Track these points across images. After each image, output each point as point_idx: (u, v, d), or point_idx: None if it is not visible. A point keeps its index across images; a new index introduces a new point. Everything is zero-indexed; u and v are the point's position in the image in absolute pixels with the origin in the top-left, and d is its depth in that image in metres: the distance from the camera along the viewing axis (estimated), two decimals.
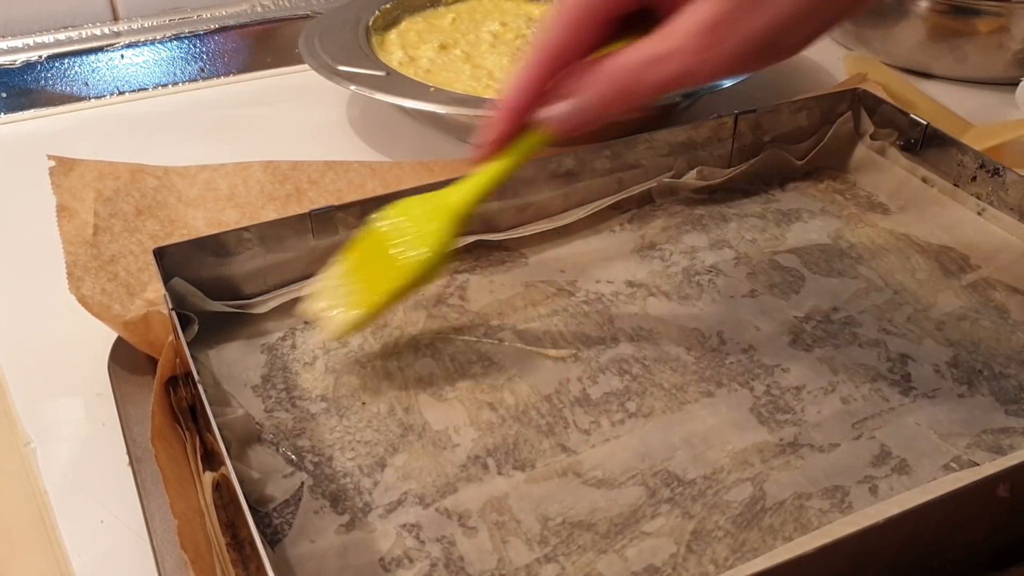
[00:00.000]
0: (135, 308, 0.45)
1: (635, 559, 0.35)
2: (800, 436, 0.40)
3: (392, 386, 0.43)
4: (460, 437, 0.40)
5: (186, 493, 0.38)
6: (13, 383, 0.46)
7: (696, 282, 0.49)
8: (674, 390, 0.43)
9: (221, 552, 0.36)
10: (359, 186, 0.57)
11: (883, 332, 0.46)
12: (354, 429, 0.41)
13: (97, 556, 0.38)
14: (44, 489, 0.41)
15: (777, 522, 0.37)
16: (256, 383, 0.43)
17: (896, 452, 0.40)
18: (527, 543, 0.36)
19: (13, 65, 0.73)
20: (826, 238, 0.52)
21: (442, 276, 0.47)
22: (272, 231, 0.46)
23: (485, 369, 0.44)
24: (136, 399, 0.43)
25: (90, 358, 0.46)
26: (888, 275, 0.50)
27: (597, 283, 0.49)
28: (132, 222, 0.52)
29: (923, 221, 0.53)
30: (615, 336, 0.46)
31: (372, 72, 0.62)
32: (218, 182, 0.56)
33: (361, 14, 0.70)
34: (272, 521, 0.37)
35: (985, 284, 0.49)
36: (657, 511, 0.37)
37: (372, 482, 0.38)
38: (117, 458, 0.42)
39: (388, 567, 0.35)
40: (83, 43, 0.75)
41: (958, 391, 0.43)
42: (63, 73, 0.74)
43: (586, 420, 0.41)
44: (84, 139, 0.66)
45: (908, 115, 0.55)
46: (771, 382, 0.43)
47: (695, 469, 0.39)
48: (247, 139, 0.65)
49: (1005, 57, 0.70)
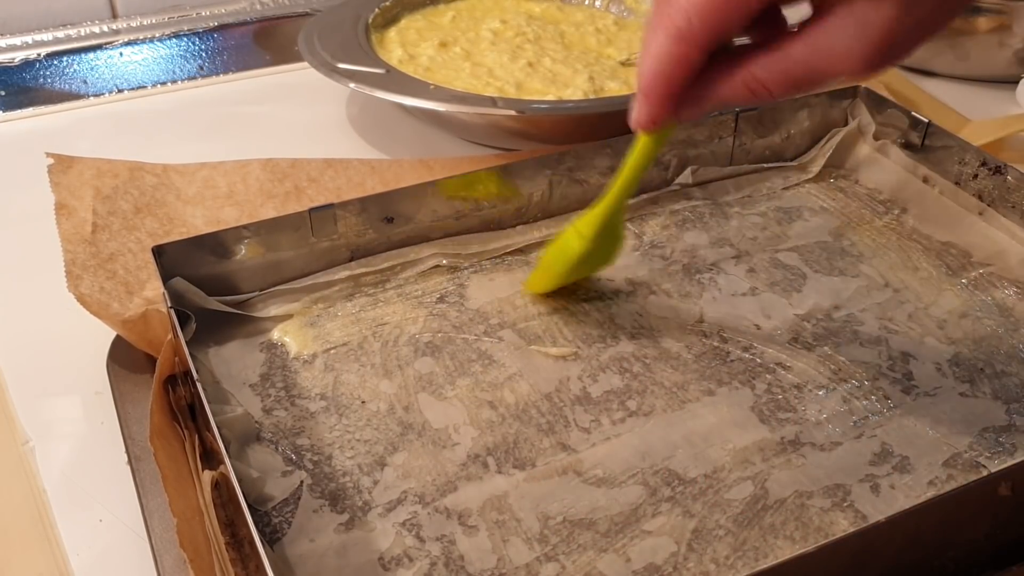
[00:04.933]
0: (134, 306, 0.45)
1: (636, 558, 0.35)
2: (801, 435, 0.40)
3: (392, 385, 0.43)
4: (460, 436, 0.40)
5: (185, 492, 0.38)
6: (12, 382, 0.46)
7: (697, 280, 0.49)
8: (675, 388, 0.42)
9: (220, 551, 0.36)
10: (358, 184, 0.57)
11: (884, 330, 0.46)
12: (353, 428, 0.41)
13: (96, 555, 0.38)
14: (43, 488, 0.41)
15: (778, 521, 0.37)
16: (255, 381, 0.43)
17: (897, 451, 0.39)
18: (527, 542, 0.36)
19: (12, 63, 0.73)
20: (827, 236, 0.52)
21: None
22: (271, 229, 0.46)
23: (485, 367, 0.44)
24: (135, 398, 0.43)
25: (89, 356, 0.46)
26: (889, 273, 0.49)
27: (597, 281, 0.49)
28: (131, 220, 0.52)
29: (924, 219, 0.53)
30: (615, 334, 0.45)
31: (372, 70, 0.61)
32: (217, 180, 0.56)
33: (361, 12, 0.70)
34: (271, 520, 0.37)
35: (987, 282, 0.49)
36: (658, 510, 0.37)
37: (372, 481, 0.38)
38: (116, 457, 0.41)
39: (388, 566, 0.35)
40: (82, 41, 0.75)
41: (959, 389, 0.42)
42: (62, 71, 0.73)
43: (586, 419, 0.41)
44: (83, 137, 0.66)
45: (910, 113, 0.55)
46: (772, 380, 0.43)
47: (696, 468, 0.39)
48: (246, 137, 0.65)
49: (1006, 55, 0.70)
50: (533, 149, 0.62)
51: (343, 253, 0.48)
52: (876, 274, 0.49)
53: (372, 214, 0.48)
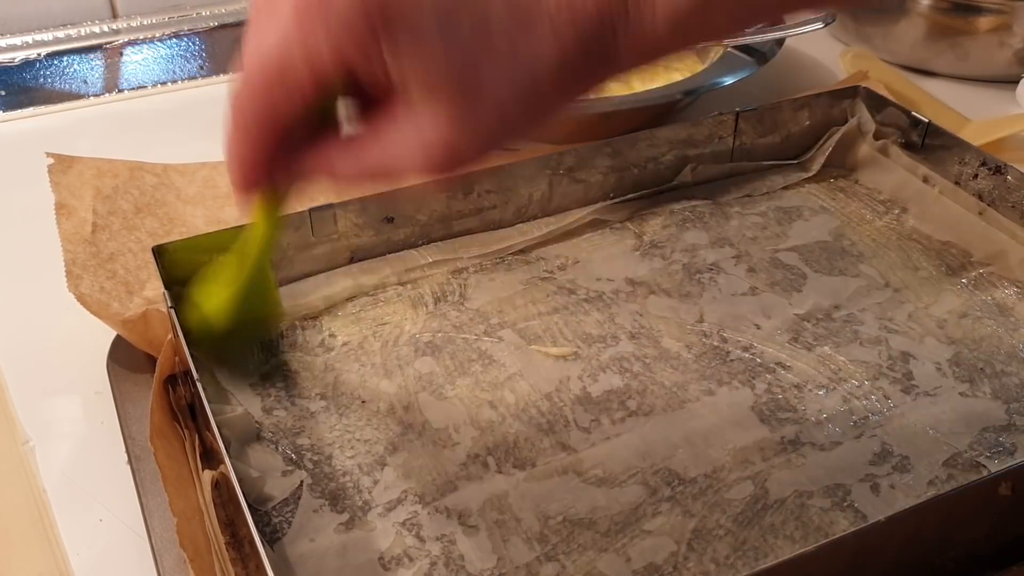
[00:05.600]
0: (134, 306, 0.45)
1: (636, 558, 0.35)
2: (801, 434, 0.40)
3: (392, 384, 0.43)
4: (460, 435, 0.40)
5: (185, 491, 0.38)
6: (12, 382, 0.46)
7: (697, 280, 0.49)
8: (675, 388, 0.42)
9: (220, 551, 0.36)
10: None
11: (884, 330, 0.46)
12: (353, 427, 0.41)
13: (96, 554, 0.38)
14: (43, 487, 0.41)
15: (778, 520, 0.37)
16: (255, 381, 0.43)
17: (897, 450, 0.39)
18: (527, 542, 0.36)
19: (12, 63, 0.73)
20: (827, 236, 0.52)
21: None
22: None
23: (485, 367, 0.44)
24: (135, 397, 0.43)
25: (89, 356, 0.46)
26: (889, 273, 0.49)
27: (597, 281, 0.49)
28: (131, 220, 0.52)
29: (924, 219, 0.53)
30: (616, 334, 0.45)
31: None
32: (217, 180, 0.56)
33: None
34: (271, 520, 0.37)
35: (987, 282, 0.49)
36: (658, 509, 0.37)
37: (372, 480, 0.38)
38: (116, 456, 0.41)
39: (388, 566, 0.35)
40: (82, 41, 0.75)
41: (959, 389, 0.42)
42: (62, 71, 0.73)
43: (586, 418, 0.41)
44: (83, 137, 0.66)
45: (910, 113, 0.55)
46: (772, 380, 0.43)
47: (696, 467, 0.39)
48: None
49: (1006, 55, 0.70)
50: (533, 149, 0.61)
51: (343, 253, 0.48)
52: (876, 274, 0.49)
53: (372, 214, 0.48)
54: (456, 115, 0.28)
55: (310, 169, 0.32)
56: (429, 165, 0.29)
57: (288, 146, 0.31)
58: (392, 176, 0.30)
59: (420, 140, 0.28)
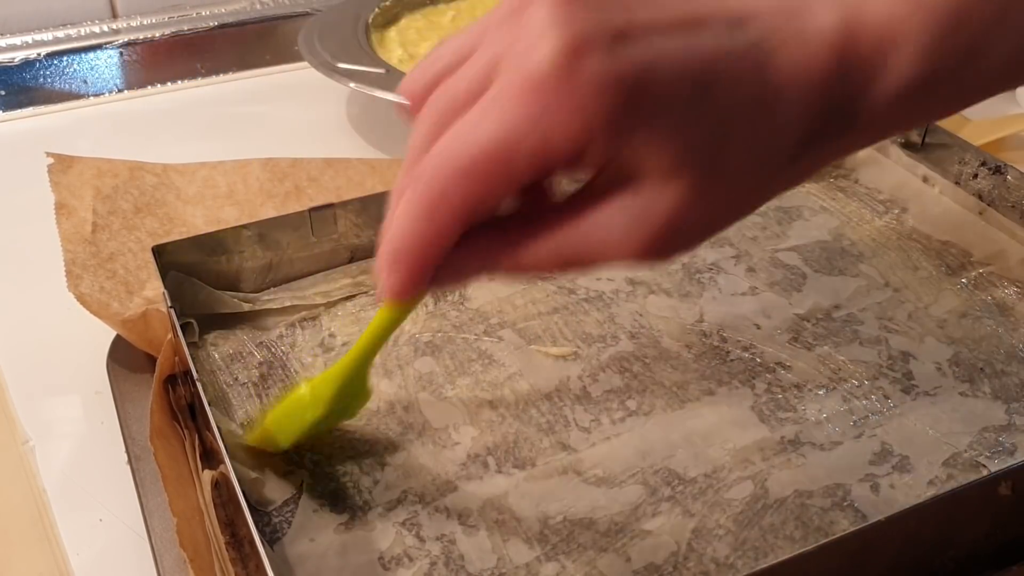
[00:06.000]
0: (134, 306, 0.45)
1: (636, 557, 0.35)
2: (801, 434, 0.40)
3: (391, 384, 0.43)
4: (460, 435, 0.40)
5: (185, 492, 0.38)
6: (12, 381, 0.46)
7: (697, 279, 0.49)
8: (675, 388, 0.42)
9: (220, 551, 0.36)
10: (358, 184, 0.57)
11: (884, 330, 0.46)
12: (353, 427, 0.41)
13: (95, 554, 0.38)
14: (43, 487, 0.41)
15: (778, 520, 0.37)
16: (255, 381, 0.43)
17: (897, 450, 0.39)
18: (527, 541, 0.36)
19: (12, 63, 0.73)
20: (827, 235, 0.52)
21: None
22: (271, 229, 0.46)
23: (485, 367, 0.44)
24: (135, 397, 0.43)
25: (89, 356, 0.46)
26: (889, 273, 0.49)
27: (597, 280, 0.49)
28: (131, 220, 0.52)
29: (924, 219, 0.53)
30: (615, 334, 0.45)
31: (372, 69, 0.61)
32: (217, 180, 0.56)
33: (361, 11, 0.70)
34: (271, 520, 0.37)
35: (986, 282, 0.49)
36: (658, 509, 0.37)
37: (372, 480, 0.38)
38: (116, 456, 0.41)
39: (388, 566, 0.35)
40: (82, 41, 0.75)
41: (959, 389, 0.42)
42: (62, 71, 0.73)
43: (586, 418, 0.41)
44: (83, 136, 0.66)
45: None
46: (772, 380, 0.43)
47: (696, 467, 0.39)
48: (246, 137, 0.65)
49: None
50: None
51: (343, 253, 0.48)
52: (876, 274, 0.49)
53: (372, 214, 0.48)
54: (691, 196, 0.25)
55: (486, 264, 0.28)
56: (643, 249, 0.26)
57: (465, 237, 0.27)
58: (589, 262, 0.27)
59: (644, 214, 0.25)
